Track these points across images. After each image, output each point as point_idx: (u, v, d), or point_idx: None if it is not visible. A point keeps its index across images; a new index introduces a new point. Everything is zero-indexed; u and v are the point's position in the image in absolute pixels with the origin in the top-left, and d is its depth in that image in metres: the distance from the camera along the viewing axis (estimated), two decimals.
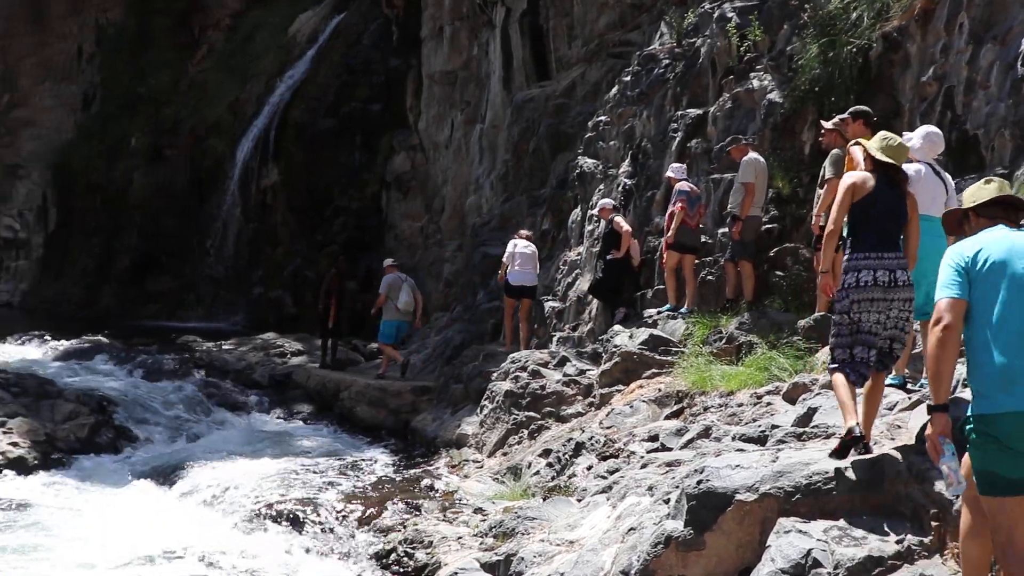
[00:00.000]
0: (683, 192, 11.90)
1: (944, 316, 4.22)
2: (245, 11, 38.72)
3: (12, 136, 41.88)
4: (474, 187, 22.96)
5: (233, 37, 38.26)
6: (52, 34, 41.82)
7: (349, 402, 16.23)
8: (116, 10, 40.79)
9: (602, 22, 19.38)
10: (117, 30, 40.69)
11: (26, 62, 41.98)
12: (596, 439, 9.60)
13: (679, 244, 11.88)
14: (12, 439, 13.16)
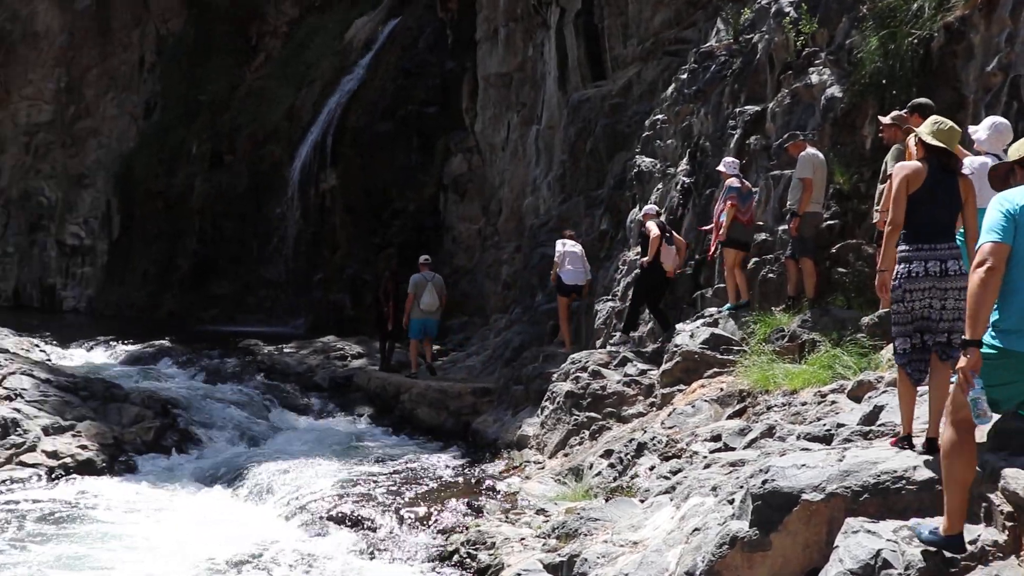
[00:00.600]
0: (733, 188, 11.81)
1: (988, 259, 4.49)
2: (301, 18, 39.10)
3: (77, 146, 42.67)
4: (531, 188, 22.94)
5: (289, 44, 38.64)
6: (115, 45, 42.56)
7: (409, 404, 16.31)
8: (176, 20, 41.41)
9: (657, 20, 19.27)
10: (177, 40, 41.29)
11: (91, 74, 42.77)
12: (658, 439, 9.54)
13: (732, 240, 11.82)
14: (81, 442, 13.41)
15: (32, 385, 14.54)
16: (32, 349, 20.90)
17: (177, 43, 41.17)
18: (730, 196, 11.77)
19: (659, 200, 14.30)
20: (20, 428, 13.13)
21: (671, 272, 13.29)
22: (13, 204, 43.21)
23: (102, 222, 41.02)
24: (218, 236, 35.50)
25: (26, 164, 43.40)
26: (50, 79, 43.20)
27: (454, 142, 28.28)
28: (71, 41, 42.95)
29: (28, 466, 12.62)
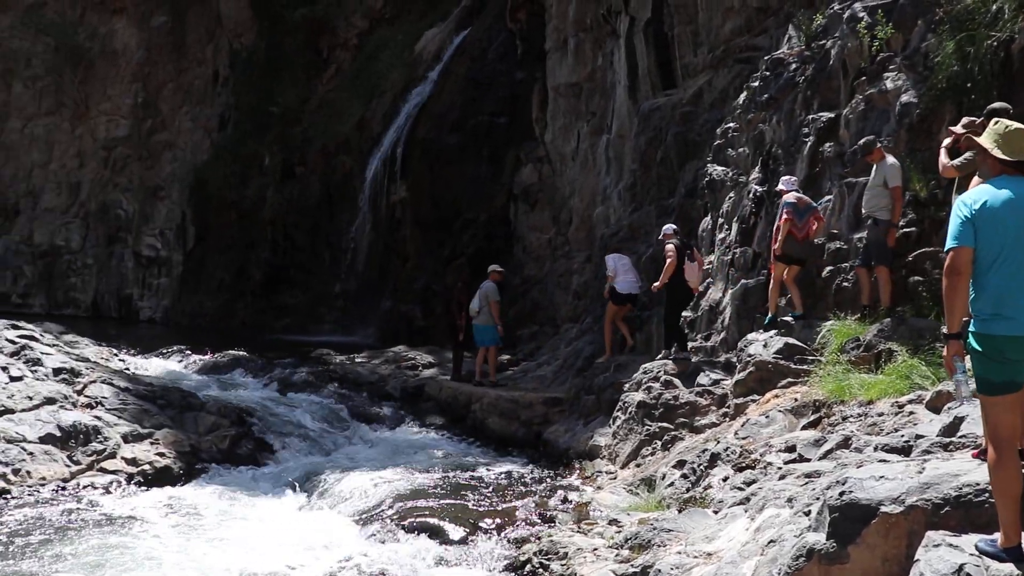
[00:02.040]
0: (789, 203, 11.80)
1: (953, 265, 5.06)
2: (371, 30, 39.47)
3: (154, 159, 43.53)
4: (601, 198, 22.90)
5: (360, 56, 39.03)
6: (190, 60, 43.38)
7: (481, 414, 16.35)
8: (248, 34, 42.07)
9: (728, 27, 19.13)
10: (249, 53, 41.93)
11: (166, 88, 43.64)
12: (731, 450, 9.46)
13: (786, 256, 11.87)
14: (159, 449, 13.67)
15: (112, 393, 14.85)
16: (111, 358, 21.35)
17: (249, 57, 41.82)
18: (786, 210, 11.77)
19: (731, 209, 14.19)
20: (101, 435, 13.41)
21: (695, 288, 14.09)
22: (92, 217, 44.20)
23: (177, 233, 41.77)
24: (290, 247, 35.97)
25: (104, 177, 44.37)
26: (127, 94, 44.16)
27: (524, 152, 28.33)
28: (147, 57, 43.86)
29: (108, 472, 12.90)
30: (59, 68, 44.75)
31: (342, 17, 39.94)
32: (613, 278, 15.95)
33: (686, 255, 14.02)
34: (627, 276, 15.95)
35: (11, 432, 12.86)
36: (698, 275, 14.09)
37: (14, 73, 45.38)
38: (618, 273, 15.93)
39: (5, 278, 44.32)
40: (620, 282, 15.90)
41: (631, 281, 15.94)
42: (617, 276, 15.91)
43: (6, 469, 12.21)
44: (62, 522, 10.89)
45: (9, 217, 45.27)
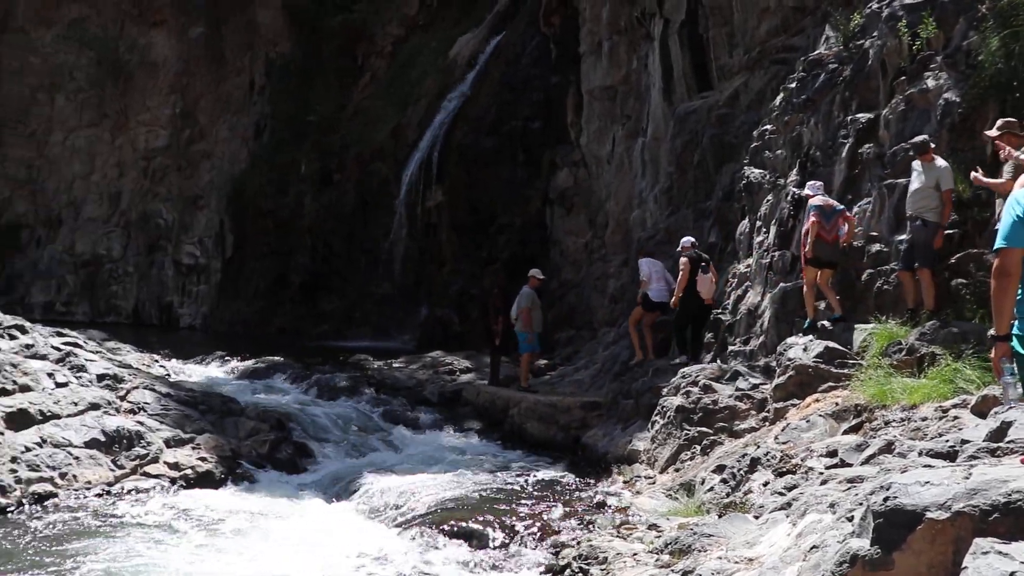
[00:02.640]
0: (816, 207, 11.84)
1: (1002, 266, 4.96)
2: (406, 37, 39.63)
3: (192, 168, 43.95)
4: (638, 201, 22.82)
5: (395, 63, 39.19)
6: (227, 71, 43.76)
7: (519, 419, 16.34)
8: (284, 44, 42.38)
9: (763, 28, 19.01)
10: (285, 63, 42.23)
11: (204, 99, 44.06)
12: (772, 455, 9.38)
13: (815, 259, 11.85)
14: (200, 454, 13.81)
15: (154, 399, 15.02)
16: (152, 364, 21.56)
17: (285, 66, 42.12)
18: (813, 213, 11.79)
19: (769, 211, 14.09)
20: (144, 440, 13.56)
21: (709, 300, 14.71)
22: (133, 226, 44.70)
23: (216, 241, 42.14)
24: (327, 253, 36.17)
25: (144, 187, 44.87)
26: (166, 105, 44.63)
27: (559, 156, 28.31)
28: (185, 68, 44.32)
29: (151, 477, 13.06)
30: (100, 81, 45.33)
31: (377, 25, 40.14)
32: (647, 284, 16.14)
33: (700, 267, 14.72)
34: (659, 284, 16.12)
35: (57, 437, 13.04)
36: (710, 287, 14.69)
37: (57, 86, 46.06)
38: (652, 280, 16.14)
39: (49, 287, 44.93)
40: (653, 289, 16.12)
41: (662, 289, 16.07)
42: (651, 283, 16.12)
43: (53, 473, 12.38)
44: (107, 525, 11.02)
45: (53, 227, 45.90)
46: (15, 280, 45.57)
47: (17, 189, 46.84)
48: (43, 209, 46.50)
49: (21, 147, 46.86)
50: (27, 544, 10.29)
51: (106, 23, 45.49)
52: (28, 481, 12.14)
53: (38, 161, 46.72)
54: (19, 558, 9.73)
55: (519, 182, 29.45)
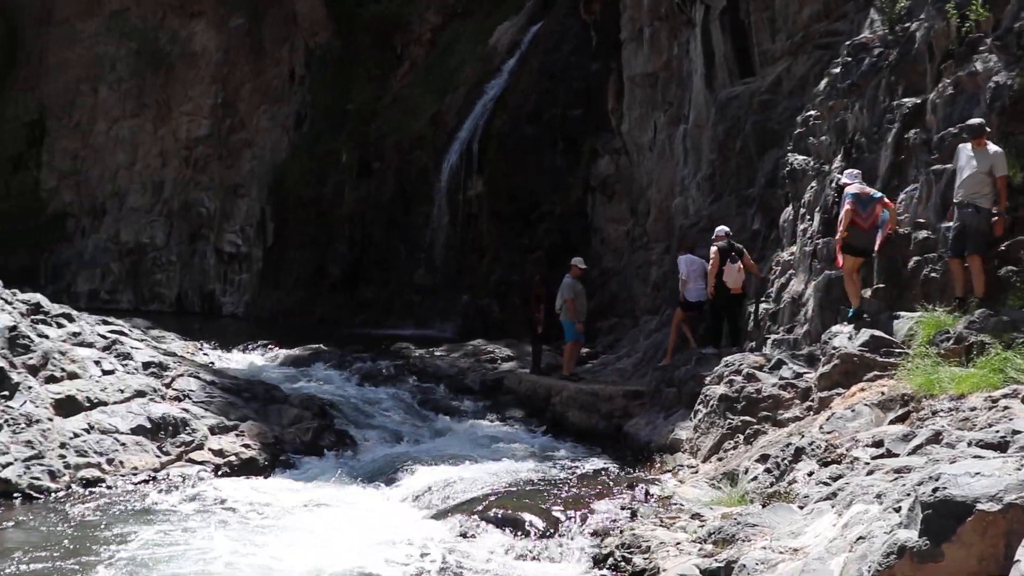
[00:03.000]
0: (852, 194, 11.83)
1: None
2: (445, 25, 39.60)
3: (233, 158, 44.26)
4: (679, 188, 22.66)
5: (434, 51, 39.18)
6: (267, 61, 43.99)
7: (560, 407, 16.32)
8: (324, 33, 42.51)
9: (806, 13, 18.77)
10: (325, 52, 42.36)
11: (244, 89, 44.34)
12: (816, 444, 9.30)
13: (850, 247, 11.86)
14: (244, 441, 13.95)
15: (199, 386, 15.18)
16: (196, 352, 21.79)
17: (325, 55, 42.24)
18: (848, 200, 11.79)
19: (813, 198, 13.95)
20: (189, 427, 13.72)
21: (736, 289, 15.04)
22: (175, 215, 45.14)
23: (257, 230, 42.43)
24: (367, 242, 36.27)
25: (186, 176, 45.28)
26: (207, 95, 44.98)
27: (600, 144, 28.16)
28: (226, 58, 44.62)
29: (196, 463, 13.22)
30: (142, 71, 45.78)
31: (416, 13, 40.14)
32: (686, 284, 16.22)
33: (729, 257, 14.92)
34: (697, 284, 16.11)
35: (105, 423, 13.23)
36: (737, 277, 14.97)
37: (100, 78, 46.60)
38: (689, 280, 16.19)
39: (94, 276, 45.53)
40: (691, 290, 16.19)
41: (700, 289, 16.09)
42: (688, 283, 16.19)
43: (101, 459, 12.57)
44: (152, 511, 11.17)
45: (97, 217, 46.49)
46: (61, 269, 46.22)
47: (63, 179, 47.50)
48: (88, 199, 47.11)
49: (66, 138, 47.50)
50: (75, 528, 10.45)
51: (147, 14, 45.90)
52: (76, 466, 12.33)
53: (83, 151, 47.33)
54: (67, 541, 9.88)
55: (560, 170, 29.36)
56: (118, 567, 9.01)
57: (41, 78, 48.16)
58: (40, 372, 13.84)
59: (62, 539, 9.98)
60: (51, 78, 47.67)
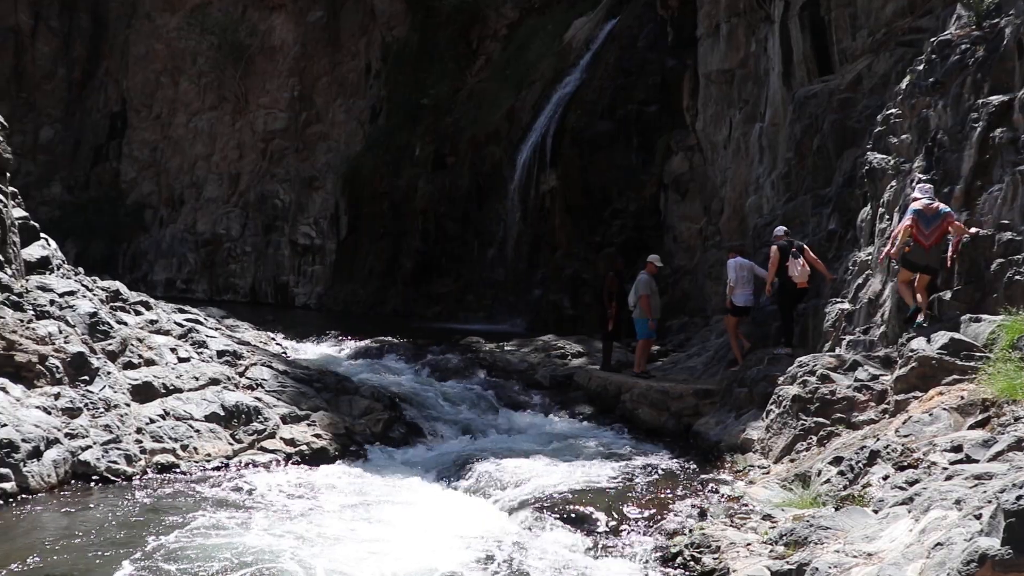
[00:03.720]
0: (915, 210, 11.82)
1: None
2: (521, 20, 39.61)
3: (309, 150, 44.76)
4: (754, 187, 22.42)
5: (509, 46, 39.21)
6: (344, 54, 44.40)
7: (630, 404, 16.25)
8: (400, 27, 42.78)
9: (889, 9, 18.44)
10: (401, 46, 42.62)
11: (321, 82, 44.81)
12: (892, 448, 9.13)
13: (909, 263, 11.97)
14: (315, 431, 14.10)
15: (271, 376, 15.38)
16: (269, 342, 22.07)
17: (401, 49, 42.50)
18: (910, 216, 11.81)
19: (893, 198, 13.69)
20: (261, 416, 13.91)
21: (802, 283, 15.02)
22: (251, 207, 45.78)
23: (331, 222, 42.83)
24: (440, 236, 36.44)
25: (262, 168, 45.90)
26: (285, 89, 45.54)
27: (675, 141, 27.97)
28: (303, 52, 45.13)
29: (268, 451, 13.40)
30: (221, 64, 46.52)
31: (492, 8, 40.21)
32: (733, 289, 16.39)
33: (790, 254, 15.03)
34: (745, 289, 16.35)
35: (180, 410, 13.48)
36: (802, 271, 14.91)
37: (180, 70, 47.45)
38: (737, 285, 16.36)
39: (171, 265, 46.39)
40: (738, 295, 16.38)
41: (748, 294, 16.39)
42: (736, 288, 16.36)
43: (175, 445, 12.81)
44: (225, 497, 11.34)
45: (175, 207, 47.36)
46: (139, 258, 47.18)
47: (143, 170, 48.48)
48: (166, 189, 48.01)
49: (147, 130, 48.46)
50: (149, 511, 10.66)
51: (227, 8, 46.63)
52: (152, 451, 12.57)
53: (162, 143, 48.25)
54: (140, 524, 10.09)
55: (634, 166, 29.21)
56: (188, 551, 9.16)
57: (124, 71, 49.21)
58: (119, 358, 14.15)
59: (136, 521, 10.18)
60: (134, 71, 48.67)
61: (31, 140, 47.45)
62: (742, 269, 16.45)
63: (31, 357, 12.67)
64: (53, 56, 48.85)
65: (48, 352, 13.02)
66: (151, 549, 9.20)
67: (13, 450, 10.94)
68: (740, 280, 16.38)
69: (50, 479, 11.27)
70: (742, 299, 16.39)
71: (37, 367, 12.67)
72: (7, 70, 47.69)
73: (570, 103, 32.25)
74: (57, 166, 48.77)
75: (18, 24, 47.93)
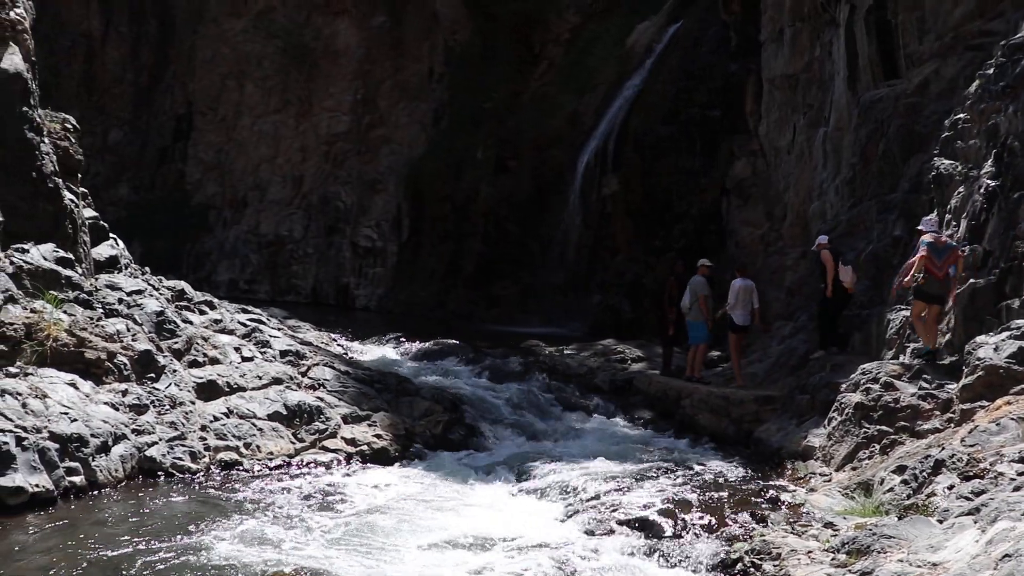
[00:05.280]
0: (927, 243, 12.41)
1: None
2: (583, 25, 39.57)
3: (372, 153, 45.05)
4: (817, 192, 22.20)
5: (572, 50, 39.20)
6: (407, 58, 44.66)
7: (691, 409, 16.18)
8: (463, 31, 42.93)
9: (958, 13, 18.16)
10: (464, 50, 42.78)
11: (384, 85, 45.10)
12: (958, 457, 9.01)
13: (924, 294, 12.45)
14: (376, 431, 14.22)
15: (333, 376, 15.54)
16: (330, 343, 22.27)
17: (463, 53, 42.66)
18: (924, 248, 12.36)
19: (960, 204, 13.49)
20: (323, 415, 14.06)
21: (851, 288, 15.45)
22: (313, 208, 46.19)
23: (392, 225, 43.06)
24: (501, 239, 36.51)
25: (325, 171, 46.29)
26: (348, 92, 45.88)
27: (737, 145, 27.79)
28: (367, 56, 45.44)
29: (329, 451, 13.54)
30: (286, 68, 46.99)
31: (554, 13, 40.23)
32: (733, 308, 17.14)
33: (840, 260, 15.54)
34: (744, 310, 17.10)
35: (243, 408, 13.67)
36: (852, 277, 15.44)
37: (246, 74, 48.02)
38: (737, 305, 17.06)
39: (234, 265, 46.96)
40: (738, 314, 17.12)
41: (746, 314, 17.18)
42: (736, 308, 17.07)
43: (239, 443, 12.99)
44: (287, 495, 11.48)
45: (239, 208, 47.94)
46: (203, 258, 47.80)
47: (208, 172, 49.12)
48: (230, 191, 48.61)
49: (212, 132, 49.12)
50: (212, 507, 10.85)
51: (292, 13, 47.09)
52: (216, 449, 12.77)
53: (227, 145, 48.85)
54: (203, 519, 10.27)
55: (695, 171, 29.07)
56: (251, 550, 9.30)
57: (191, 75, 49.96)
58: (184, 356, 14.40)
59: (200, 517, 10.36)
60: (200, 75, 49.35)
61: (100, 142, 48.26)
62: (745, 291, 17.13)
63: (100, 354, 12.93)
64: (122, 61, 49.70)
65: (116, 349, 13.28)
66: (215, 545, 9.36)
67: (83, 444, 11.19)
68: (741, 301, 17.05)
69: (117, 474, 11.50)
70: (741, 318, 17.14)
71: (106, 364, 12.93)
72: (79, 75, 48.64)
73: (632, 107, 32.18)
74: (124, 167, 49.57)
75: (90, 30, 48.88)
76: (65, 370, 12.40)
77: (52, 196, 14.62)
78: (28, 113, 14.52)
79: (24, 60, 14.69)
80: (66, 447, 10.98)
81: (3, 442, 10.34)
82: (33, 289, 13.35)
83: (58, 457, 10.80)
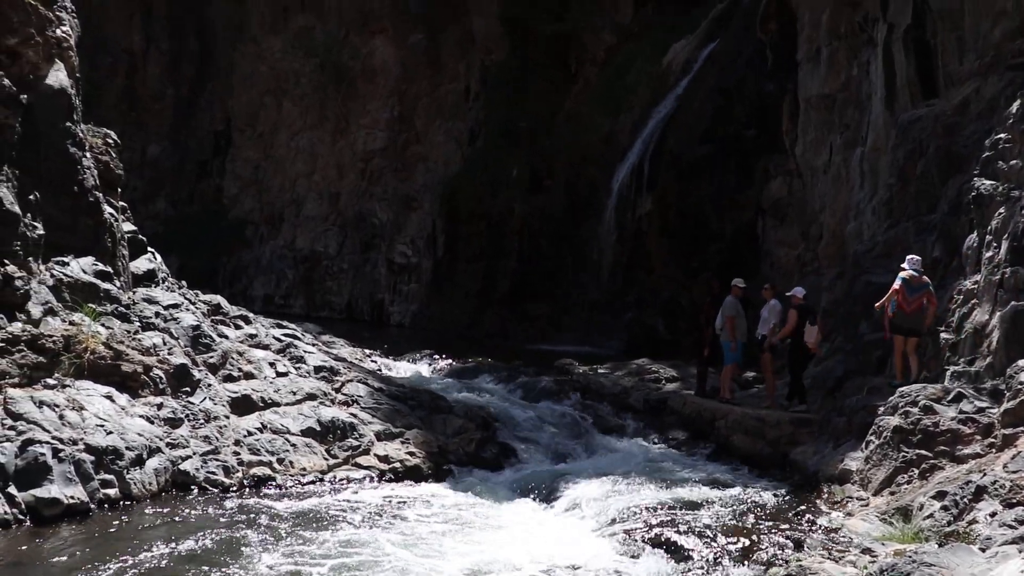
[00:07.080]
0: (902, 279, 13.63)
1: None
2: (619, 44, 39.58)
3: (408, 171, 45.25)
4: (854, 213, 22.02)
5: (607, 69, 39.21)
6: (443, 77, 44.86)
7: (725, 431, 16.04)
8: (499, 51, 43.07)
9: (998, 32, 17.98)
10: (499, 69, 42.91)
11: (421, 103, 45.31)
12: (1000, 483, 8.87)
13: (897, 327, 13.79)
14: (409, 448, 14.21)
15: (367, 393, 15.55)
16: (364, 359, 22.30)
17: (499, 72, 42.79)
18: (898, 284, 13.60)
19: (1001, 225, 13.31)
20: (356, 432, 14.08)
21: (813, 348, 16.31)
22: (349, 225, 46.42)
23: (427, 242, 43.18)
24: (536, 257, 36.49)
25: (361, 188, 46.53)
26: (384, 109, 46.14)
27: (773, 165, 27.63)
28: (404, 74, 45.68)
29: (362, 468, 13.55)
30: (324, 86, 47.35)
31: (590, 33, 40.30)
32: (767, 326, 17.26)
33: (807, 320, 16.17)
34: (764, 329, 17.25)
35: (276, 424, 13.71)
36: (816, 338, 16.23)
37: (284, 91, 48.45)
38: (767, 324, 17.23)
39: (270, 281, 47.27)
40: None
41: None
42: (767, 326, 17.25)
43: (272, 458, 13.02)
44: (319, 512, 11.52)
45: (275, 224, 48.27)
46: (240, 273, 48.14)
47: (245, 187, 49.54)
48: (267, 206, 48.96)
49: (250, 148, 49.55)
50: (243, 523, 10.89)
51: (330, 32, 47.47)
52: (249, 464, 12.81)
53: (264, 161, 49.24)
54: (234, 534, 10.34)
55: (731, 190, 28.92)
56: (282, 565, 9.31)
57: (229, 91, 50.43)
58: (219, 371, 14.47)
59: (233, 532, 10.39)
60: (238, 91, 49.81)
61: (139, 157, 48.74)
62: (774, 314, 17.24)
63: (136, 367, 13.02)
64: (162, 77, 50.32)
65: (152, 363, 13.37)
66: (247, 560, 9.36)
67: (117, 457, 11.26)
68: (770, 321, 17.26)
69: (151, 487, 11.56)
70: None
71: (142, 377, 13.01)
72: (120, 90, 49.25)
73: (668, 126, 32.11)
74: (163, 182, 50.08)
75: (131, 47, 49.56)
76: (102, 383, 12.50)
77: (92, 210, 14.77)
78: (71, 128, 14.70)
79: (69, 76, 14.88)
80: (101, 459, 11.07)
81: (40, 453, 10.44)
82: (72, 302, 13.48)
83: (93, 469, 10.88)
